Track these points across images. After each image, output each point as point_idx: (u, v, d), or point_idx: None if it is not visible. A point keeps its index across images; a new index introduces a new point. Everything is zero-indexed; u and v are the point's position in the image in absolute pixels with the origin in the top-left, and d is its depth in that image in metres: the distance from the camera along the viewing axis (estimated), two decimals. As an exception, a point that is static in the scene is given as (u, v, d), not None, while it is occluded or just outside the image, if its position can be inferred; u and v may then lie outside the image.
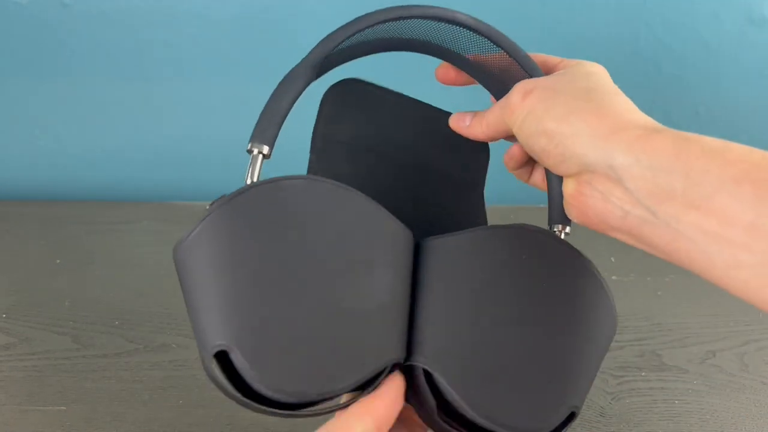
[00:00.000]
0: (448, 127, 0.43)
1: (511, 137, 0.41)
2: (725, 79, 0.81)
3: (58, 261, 0.71)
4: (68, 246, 0.74)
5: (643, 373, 0.58)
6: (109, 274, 0.69)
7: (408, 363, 0.34)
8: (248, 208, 0.33)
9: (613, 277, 0.71)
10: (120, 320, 0.62)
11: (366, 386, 0.32)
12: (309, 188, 0.34)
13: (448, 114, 0.44)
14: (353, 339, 0.32)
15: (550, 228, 0.40)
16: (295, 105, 0.39)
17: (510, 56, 0.41)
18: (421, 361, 0.33)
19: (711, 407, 0.55)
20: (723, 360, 0.60)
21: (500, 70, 0.43)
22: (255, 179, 0.37)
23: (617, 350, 0.60)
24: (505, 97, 0.38)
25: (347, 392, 0.32)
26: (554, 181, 0.40)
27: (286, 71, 0.40)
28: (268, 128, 0.37)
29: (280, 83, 0.39)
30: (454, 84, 0.46)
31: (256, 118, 0.39)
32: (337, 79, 0.45)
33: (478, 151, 0.46)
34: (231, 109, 0.82)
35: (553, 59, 0.41)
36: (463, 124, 0.43)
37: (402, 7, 0.40)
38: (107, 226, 0.78)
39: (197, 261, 0.33)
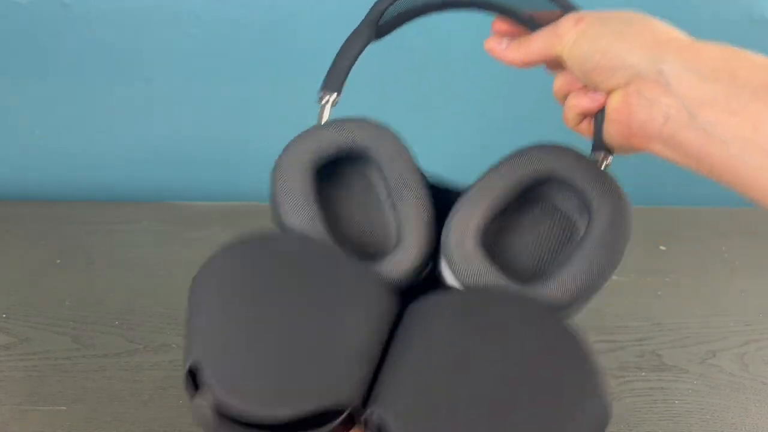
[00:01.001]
0: None
1: (550, 63, 0.43)
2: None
3: (58, 261, 0.71)
4: (68, 246, 0.74)
5: (643, 373, 0.58)
6: (109, 274, 0.69)
7: (365, 412, 0.34)
8: (243, 254, 0.39)
9: (614, 277, 0.71)
10: (120, 320, 0.62)
11: (316, 425, 0.33)
12: (301, 244, 0.40)
13: None
14: (312, 373, 0.34)
15: (593, 156, 0.42)
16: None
17: (562, 10, 0.43)
18: (375, 410, 0.33)
19: (711, 407, 0.55)
20: (723, 360, 0.60)
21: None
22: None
23: (617, 350, 0.60)
24: (551, 25, 0.41)
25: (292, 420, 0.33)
26: (598, 114, 0.41)
27: (287, 71, 0.40)
28: (336, 78, 0.44)
29: (345, 42, 0.44)
30: (509, 34, 0.47)
31: (257, 117, 0.40)
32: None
33: None
34: (231, 109, 0.82)
35: None
36: (499, 47, 0.44)
37: None
38: (107, 226, 0.78)
39: (195, 295, 0.38)
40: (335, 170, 0.45)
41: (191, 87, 0.81)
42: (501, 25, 0.47)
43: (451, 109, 0.84)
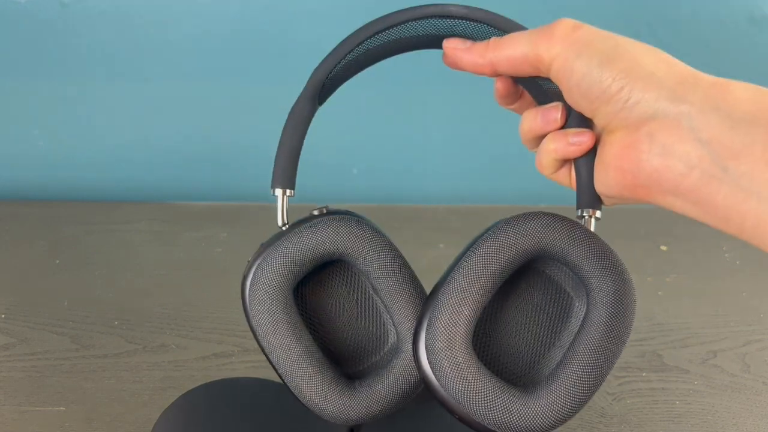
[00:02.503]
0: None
1: (524, 75, 0.35)
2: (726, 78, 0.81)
3: (58, 261, 0.71)
4: (68, 246, 0.74)
5: (644, 374, 0.58)
6: (109, 274, 0.69)
7: None
8: (201, 400, 0.43)
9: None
10: (119, 320, 0.62)
11: None
12: (254, 387, 0.44)
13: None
14: None
15: (579, 213, 0.38)
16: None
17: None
18: None
19: (712, 408, 0.54)
20: (724, 360, 0.60)
21: None
22: (285, 219, 0.39)
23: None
24: (541, 28, 0.34)
25: None
26: (582, 160, 0.36)
27: (286, 71, 0.40)
28: (286, 170, 0.39)
29: (287, 122, 0.39)
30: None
31: (256, 117, 0.39)
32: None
33: None
34: (231, 109, 0.82)
35: None
36: (461, 45, 0.37)
37: (389, 15, 0.38)
38: (107, 226, 0.78)
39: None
40: (312, 273, 0.41)
41: (191, 87, 0.81)
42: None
43: (450, 114, 0.84)
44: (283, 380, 0.38)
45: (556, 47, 0.32)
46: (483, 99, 0.84)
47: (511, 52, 0.34)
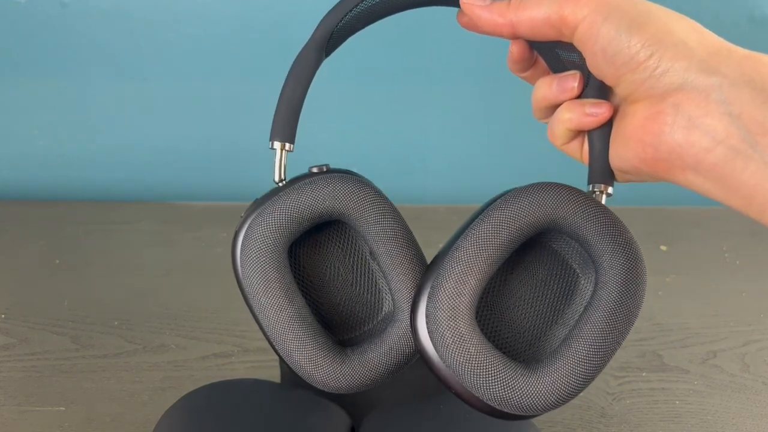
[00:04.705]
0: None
1: (545, 38, 0.33)
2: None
3: (57, 261, 0.71)
4: (68, 246, 0.74)
5: (643, 374, 0.58)
6: (109, 274, 0.69)
7: None
8: (204, 401, 0.44)
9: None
10: (119, 320, 0.62)
11: None
12: (254, 387, 0.45)
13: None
14: None
15: (591, 188, 0.36)
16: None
17: None
18: None
19: (712, 408, 0.54)
20: (724, 360, 0.60)
21: None
22: (282, 175, 0.37)
23: (618, 350, 0.60)
24: None
25: None
26: (597, 133, 0.35)
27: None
28: (286, 123, 0.37)
29: (290, 72, 0.37)
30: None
31: (256, 117, 0.39)
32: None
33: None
34: (230, 109, 0.82)
35: None
36: (480, 2, 0.34)
37: None
38: (107, 226, 0.78)
39: None
40: (308, 234, 0.39)
41: (190, 87, 0.81)
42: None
43: (450, 114, 0.84)
44: (271, 343, 0.36)
45: (584, 9, 0.30)
46: (484, 98, 0.84)
47: (534, 13, 0.32)
